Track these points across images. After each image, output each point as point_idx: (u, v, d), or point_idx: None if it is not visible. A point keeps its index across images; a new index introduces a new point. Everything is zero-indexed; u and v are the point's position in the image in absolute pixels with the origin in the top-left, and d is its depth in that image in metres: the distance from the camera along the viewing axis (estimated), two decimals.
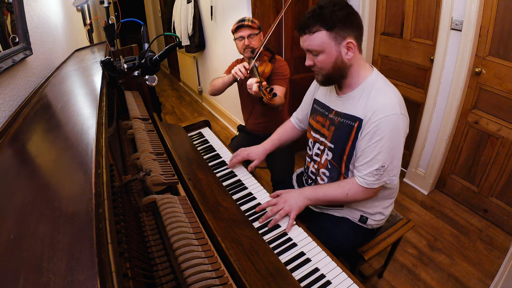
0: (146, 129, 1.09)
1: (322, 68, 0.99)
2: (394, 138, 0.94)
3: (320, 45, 0.94)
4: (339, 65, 0.97)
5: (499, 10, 1.54)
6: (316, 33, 0.93)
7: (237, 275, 0.67)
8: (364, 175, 0.99)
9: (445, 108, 1.89)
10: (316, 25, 0.92)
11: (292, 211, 1.00)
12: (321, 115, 1.15)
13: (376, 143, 0.95)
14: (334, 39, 0.93)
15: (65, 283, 0.31)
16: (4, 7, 0.95)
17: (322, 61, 0.97)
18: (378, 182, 0.99)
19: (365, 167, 0.98)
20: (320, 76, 1.02)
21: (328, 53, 0.95)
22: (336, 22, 0.91)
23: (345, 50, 0.95)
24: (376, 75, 1.01)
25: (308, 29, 0.94)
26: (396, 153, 0.97)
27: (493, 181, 1.81)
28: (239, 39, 1.62)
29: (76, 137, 0.62)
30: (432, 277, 1.57)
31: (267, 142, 1.34)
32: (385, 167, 0.97)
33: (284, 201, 1.02)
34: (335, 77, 1.01)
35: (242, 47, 1.62)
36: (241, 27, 1.59)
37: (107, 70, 1.06)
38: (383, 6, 2.11)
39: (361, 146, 0.99)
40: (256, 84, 1.38)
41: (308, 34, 0.95)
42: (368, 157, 0.97)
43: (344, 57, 0.96)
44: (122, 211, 0.63)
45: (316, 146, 1.17)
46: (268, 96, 1.33)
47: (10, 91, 0.90)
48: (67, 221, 0.39)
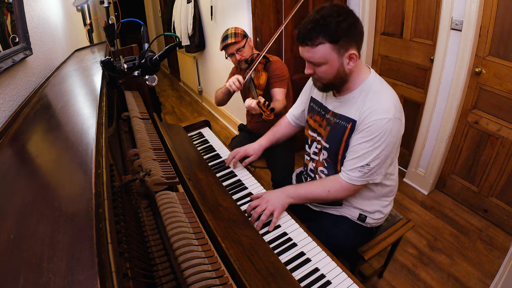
0: (146, 129, 1.09)
1: (323, 78, 0.98)
2: (384, 141, 0.95)
3: (323, 57, 0.92)
4: (340, 74, 0.97)
5: (499, 10, 1.54)
6: (320, 46, 0.90)
7: (237, 275, 0.67)
8: (349, 170, 1.00)
9: (445, 108, 1.89)
10: (319, 38, 0.89)
11: (275, 210, 1.00)
12: (318, 115, 1.15)
13: (365, 143, 0.96)
14: (337, 51, 0.91)
15: (65, 283, 0.31)
16: (4, 7, 0.95)
17: (324, 71, 0.96)
18: (361, 179, 1.00)
19: (351, 162, 1.00)
20: (320, 84, 1.02)
21: (331, 64, 0.93)
22: (340, 35, 0.88)
23: (347, 61, 0.94)
24: (374, 77, 1.01)
25: (310, 41, 0.90)
26: (385, 155, 0.97)
27: (493, 181, 1.81)
28: (230, 56, 1.65)
29: (76, 137, 0.62)
30: (432, 277, 1.57)
31: (263, 139, 1.35)
32: (370, 166, 0.98)
33: (267, 201, 1.02)
34: (336, 85, 1.01)
35: (236, 62, 1.66)
36: (226, 47, 1.61)
37: (107, 70, 1.06)
38: (383, 6, 2.11)
39: (352, 142, 1.00)
40: (254, 102, 1.39)
41: (310, 46, 0.91)
42: (357, 154, 0.98)
43: (346, 67, 0.95)
44: (122, 211, 0.63)
45: (314, 144, 1.18)
46: (267, 112, 1.36)
47: (10, 91, 0.90)
48: (67, 221, 0.39)
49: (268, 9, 2.17)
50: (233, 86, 1.53)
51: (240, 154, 1.29)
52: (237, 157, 1.29)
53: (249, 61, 1.61)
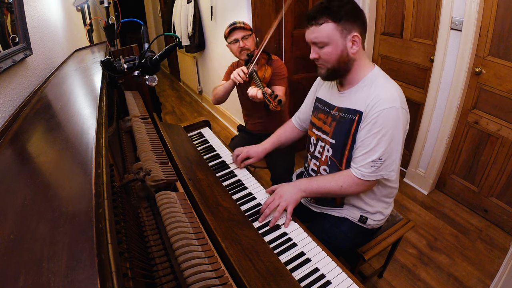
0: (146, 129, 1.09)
1: (327, 61, 0.99)
2: (393, 131, 0.94)
3: (327, 36, 0.95)
4: (344, 58, 0.98)
5: (499, 10, 1.54)
6: (323, 24, 0.94)
7: (237, 275, 0.67)
8: (361, 166, 0.99)
9: (445, 108, 1.89)
10: (323, 17, 0.94)
11: (288, 205, 1.00)
12: (322, 112, 1.15)
13: (375, 134, 0.95)
14: (341, 31, 0.94)
15: (65, 283, 0.31)
16: (4, 7, 0.95)
17: (328, 53, 0.98)
18: (374, 174, 0.99)
19: (362, 158, 0.99)
20: (324, 70, 1.03)
21: (334, 45, 0.96)
22: (343, 15, 0.93)
23: (350, 44, 0.96)
24: (378, 71, 1.02)
25: (315, 20, 0.95)
26: (395, 146, 0.96)
27: (493, 181, 1.81)
28: (233, 42, 1.62)
29: (76, 137, 0.62)
30: (432, 277, 1.57)
31: (267, 142, 1.34)
32: (382, 160, 0.96)
33: (280, 196, 1.02)
34: (339, 71, 1.02)
35: (238, 50, 1.63)
36: (234, 29, 1.60)
37: (107, 70, 1.06)
38: (383, 6, 2.11)
39: (360, 136, 0.99)
40: (260, 92, 1.39)
41: (315, 25, 0.96)
42: (366, 148, 0.97)
43: (349, 50, 0.97)
44: (122, 211, 0.63)
45: (318, 143, 1.17)
46: (274, 103, 1.35)
47: (10, 91, 0.90)
48: (67, 221, 0.39)
49: (268, 9, 2.17)
50: (238, 77, 1.52)
51: (243, 155, 1.29)
52: (239, 157, 1.29)
53: (251, 54, 1.61)
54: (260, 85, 1.48)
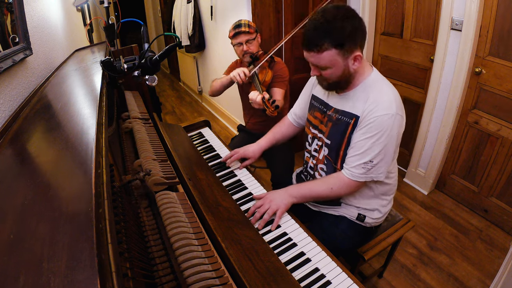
0: (146, 129, 1.09)
1: (329, 79, 1.00)
2: (387, 136, 0.96)
3: (329, 62, 0.94)
4: (345, 74, 0.98)
5: (499, 10, 1.54)
6: (325, 51, 0.91)
7: (237, 275, 0.67)
8: (352, 167, 1.01)
9: (445, 108, 1.89)
10: (325, 43, 0.90)
11: (278, 209, 1.01)
12: (319, 112, 1.16)
13: (368, 139, 0.97)
14: (343, 55, 0.93)
15: (65, 283, 0.31)
16: (4, 7, 0.95)
17: (329, 73, 0.98)
18: (364, 176, 1.00)
19: (354, 159, 1.00)
20: (326, 83, 1.03)
21: (336, 68, 0.96)
22: (345, 39, 0.89)
23: (352, 62, 0.96)
24: (376, 75, 1.03)
25: (316, 47, 0.91)
26: (388, 150, 0.98)
27: (493, 181, 1.81)
28: (237, 45, 1.63)
29: (76, 137, 0.62)
30: (432, 277, 1.57)
31: (263, 140, 1.35)
32: (373, 163, 0.98)
33: (270, 201, 1.03)
34: (341, 84, 1.02)
35: (241, 53, 1.64)
36: (238, 34, 1.59)
37: (107, 70, 1.06)
38: (383, 6, 2.11)
39: (354, 138, 1.01)
40: (260, 97, 1.40)
41: (316, 52, 0.92)
42: (359, 150, 0.99)
43: (351, 67, 0.97)
44: (122, 211, 0.63)
45: (315, 141, 1.18)
46: (271, 108, 1.36)
47: (10, 91, 0.90)
48: (67, 221, 0.39)
49: (268, 9, 2.17)
50: (237, 77, 1.53)
51: (239, 154, 1.29)
52: (234, 156, 1.29)
53: (254, 56, 1.61)
54: (259, 89, 1.48)
